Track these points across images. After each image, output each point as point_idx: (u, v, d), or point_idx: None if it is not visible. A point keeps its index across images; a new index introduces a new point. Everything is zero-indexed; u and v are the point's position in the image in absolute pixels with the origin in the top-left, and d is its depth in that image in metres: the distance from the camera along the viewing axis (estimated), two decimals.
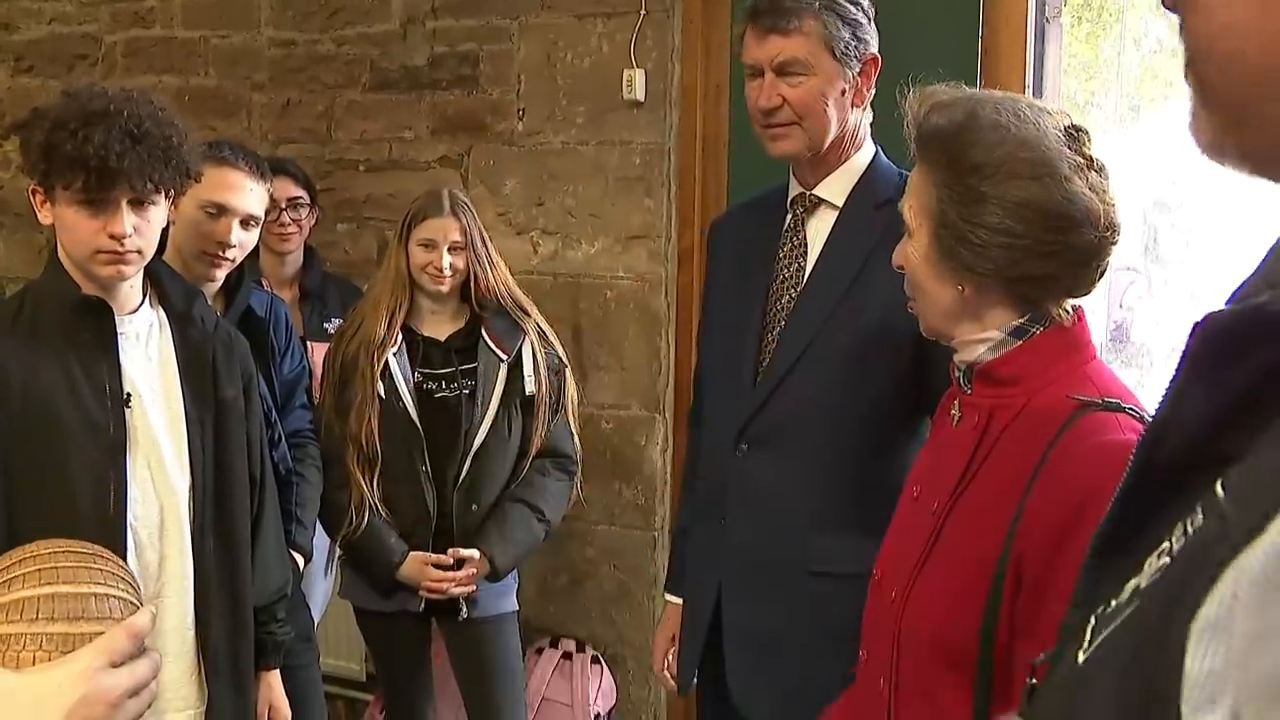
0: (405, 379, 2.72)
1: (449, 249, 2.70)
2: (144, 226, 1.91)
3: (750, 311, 2.04)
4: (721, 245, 2.22)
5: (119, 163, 1.83)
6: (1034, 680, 0.82)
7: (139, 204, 1.90)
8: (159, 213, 1.95)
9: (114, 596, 1.05)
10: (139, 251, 1.92)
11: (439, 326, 2.80)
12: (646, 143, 3.30)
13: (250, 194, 2.43)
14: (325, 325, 3.15)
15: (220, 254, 2.40)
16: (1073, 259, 1.37)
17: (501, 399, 2.74)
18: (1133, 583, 0.60)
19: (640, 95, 3.27)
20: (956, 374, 1.47)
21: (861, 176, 2.01)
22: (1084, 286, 1.41)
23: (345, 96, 3.70)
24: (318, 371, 2.85)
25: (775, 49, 1.93)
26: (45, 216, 1.95)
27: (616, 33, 3.30)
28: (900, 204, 1.50)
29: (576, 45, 3.36)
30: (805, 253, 2.02)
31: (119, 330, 1.97)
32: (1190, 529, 0.56)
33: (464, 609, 2.77)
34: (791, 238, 2.04)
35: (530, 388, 2.77)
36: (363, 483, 2.70)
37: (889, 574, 1.49)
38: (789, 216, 2.06)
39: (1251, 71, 0.55)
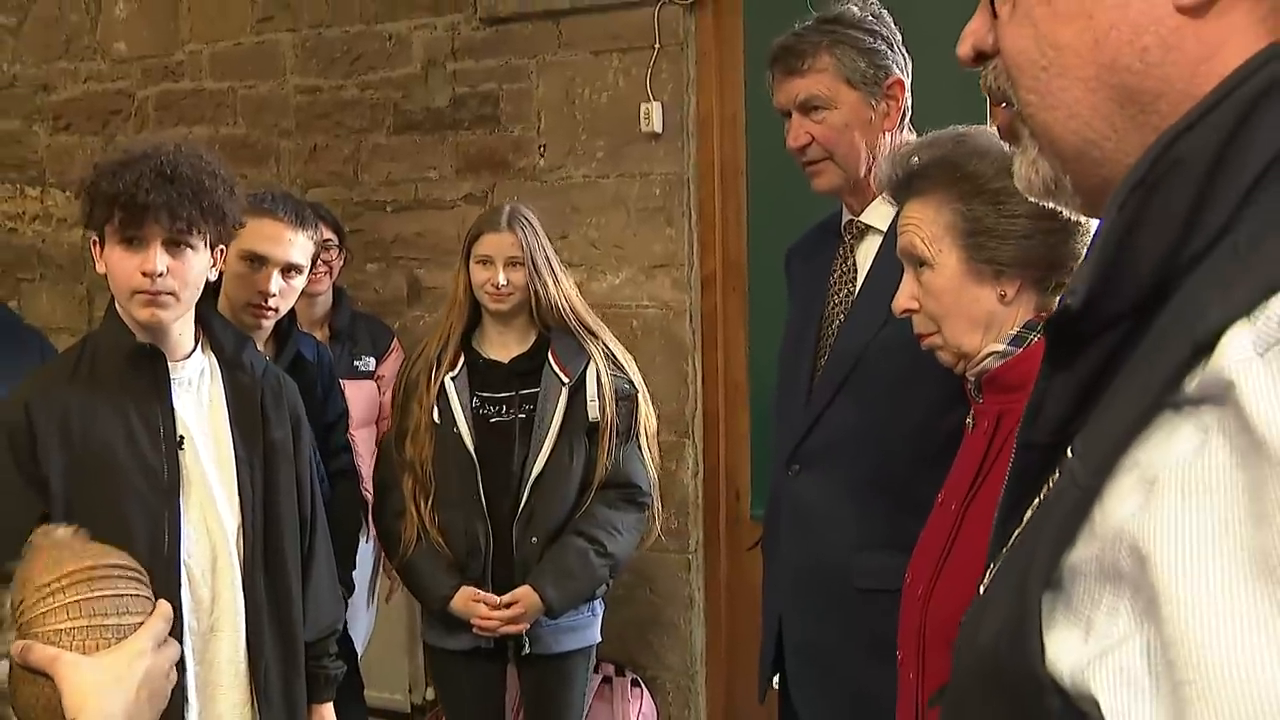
0: (462, 404, 2.63)
1: (505, 264, 2.61)
2: (179, 269, 1.95)
3: (806, 337, 2.07)
4: (792, 270, 2.25)
5: (147, 197, 1.89)
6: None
7: (174, 245, 1.95)
8: (198, 259, 1.98)
9: (142, 595, 1.35)
10: (174, 294, 1.96)
11: (504, 348, 2.70)
12: (666, 173, 3.37)
13: (290, 244, 2.43)
14: (355, 363, 3.21)
15: (263, 304, 2.41)
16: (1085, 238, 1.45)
17: (562, 425, 2.61)
18: (1017, 533, 0.77)
19: (658, 127, 3.34)
20: (969, 385, 1.55)
21: None
22: None
23: (370, 140, 3.78)
24: (352, 410, 2.90)
25: (795, 90, 1.98)
26: (100, 266, 2.01)
27: (632, 67, 3.38)
28: (900, 250, 1.57)
29: (594, 81, 3.44)
30: (854, 279, 2.04)
31: (172, 376, 2.03)
32: (1051, 484, 0.73)
33: (526, 645, 2.67)
34: (841, 264, 2.06)
35: (594, 414, 2.64)
36: (417, 512, 2.64)
37: (916, 575, 1.57)
38: (841, 243, 2.08)
39: (1083, 129, 0.72)
